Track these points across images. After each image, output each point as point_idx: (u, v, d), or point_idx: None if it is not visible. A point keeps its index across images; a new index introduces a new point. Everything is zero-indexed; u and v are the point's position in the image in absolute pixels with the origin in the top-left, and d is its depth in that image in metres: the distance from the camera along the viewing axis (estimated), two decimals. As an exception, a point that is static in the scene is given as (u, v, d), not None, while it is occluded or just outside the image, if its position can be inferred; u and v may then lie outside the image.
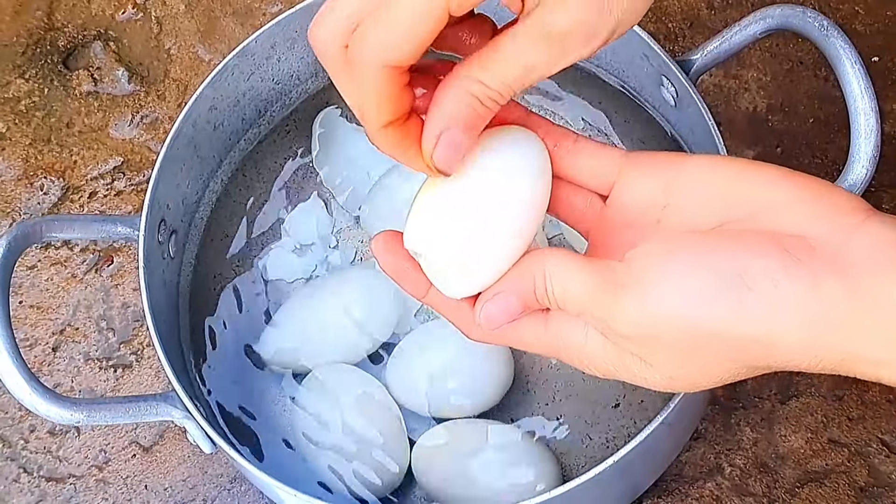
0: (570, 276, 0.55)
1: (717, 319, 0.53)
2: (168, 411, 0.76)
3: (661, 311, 0.54)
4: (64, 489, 0.95)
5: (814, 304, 0.52)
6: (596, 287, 0.55)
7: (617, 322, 0.55)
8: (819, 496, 0.88)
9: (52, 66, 1.09)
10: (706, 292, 0.53)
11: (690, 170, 0.59)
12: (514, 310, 0.57)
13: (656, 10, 1.05)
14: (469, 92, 0.54)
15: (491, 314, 0.58)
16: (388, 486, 0.87)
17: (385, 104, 0.54)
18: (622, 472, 0.73)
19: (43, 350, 0.99)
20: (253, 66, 0.88)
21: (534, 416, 0.89)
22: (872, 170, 0.73)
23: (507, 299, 0.57)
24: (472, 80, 0.54)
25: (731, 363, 0.55)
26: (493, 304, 0.58)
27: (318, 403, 0.88)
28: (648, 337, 0.55)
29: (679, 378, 0.57)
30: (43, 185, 1.05)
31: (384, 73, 0.53)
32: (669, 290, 0.53)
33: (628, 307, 0.54)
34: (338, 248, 0.95)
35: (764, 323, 0.52)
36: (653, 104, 0.88)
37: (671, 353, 0.55)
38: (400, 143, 0.56)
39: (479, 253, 0.58)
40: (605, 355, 0.58)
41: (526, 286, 0.57)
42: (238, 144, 0.93)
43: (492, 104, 0.55)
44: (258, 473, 0.74)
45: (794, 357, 0.53)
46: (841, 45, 0.75)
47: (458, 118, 0.55)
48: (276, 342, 0.90)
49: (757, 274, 0.52)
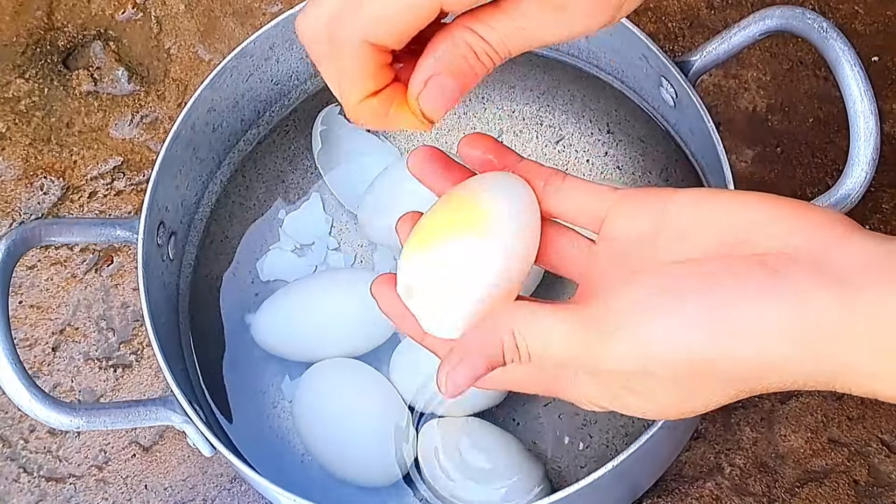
0: (549, 330, 0.55)
1: (709, 347, 0.52)
2: (167, 416, 0.76)
3: (653, 347, 0.53)
4: (64, 489, 0.95)
5: (802, 316, 0.51)
6: (580, 334, 0.54)
7: (607, 363, 0.54)
8: (819, 496, 0.88)
9: (51, 65, 1.09)
10: (696, 322, 0.52)
11: (678, 204, 0.58)
12: (479, 373, 0.55)
13: (656, 10, 1.05)
14: (466, 41, 0.54)
15: (457, 383, 0.55)
16: (391, 480, 0.87)
17: (362, 79, 0.54)
18: (621, 476, 0.73)
19: (43, 350, 0.99)
20: (252, 67, 0.88)
21: (534, 416, 0.89)
22: (872, 173, 0.73)
23: (473, 364, 0.56)
24: (471, 31, 0.54)
25: (727, 388, 0.54)
26: (457, 374, 0.55)
27: (319, 399, 0.88)
28: (642, 373, 0.54)
29: (676, 406, 0.56)
30: (43, 184, 1.05)
31: (364, 48, 0.53)
32: (659, 325, 0.53)
33: (617, 348, 0.53)
34: (339, 249, 0.95)
35: (755, 342, 0.52)
36: (652, 104, 0.88)
37: (667, 386, 0.55)
38: (380, 109, 0.55)
39: (462, 297, 0.57)
40: (598, 393, 0.58)
41: (493, 347, 0.55)
42: (237, 145, 0.93)
43: (486, 59, 0.54)
44: (257, 478, 0.74)
45: (790, 374, 0.52)
46: (840, 48, 0.75)
47: (450, 66, 0.54)
48: (270, 323, 0.90)
49: (743, 297, 0.52)
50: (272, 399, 0.91)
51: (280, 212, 0.95)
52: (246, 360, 0.92)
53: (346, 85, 0.54)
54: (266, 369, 0.92)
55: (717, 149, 0.78)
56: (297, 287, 0.91)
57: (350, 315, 0.89)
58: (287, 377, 0.91)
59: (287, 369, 0.91)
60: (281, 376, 0.91)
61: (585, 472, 0.86)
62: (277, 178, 0.96)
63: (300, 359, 0.90)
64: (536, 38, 0.54)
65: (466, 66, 0.54)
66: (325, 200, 0.96)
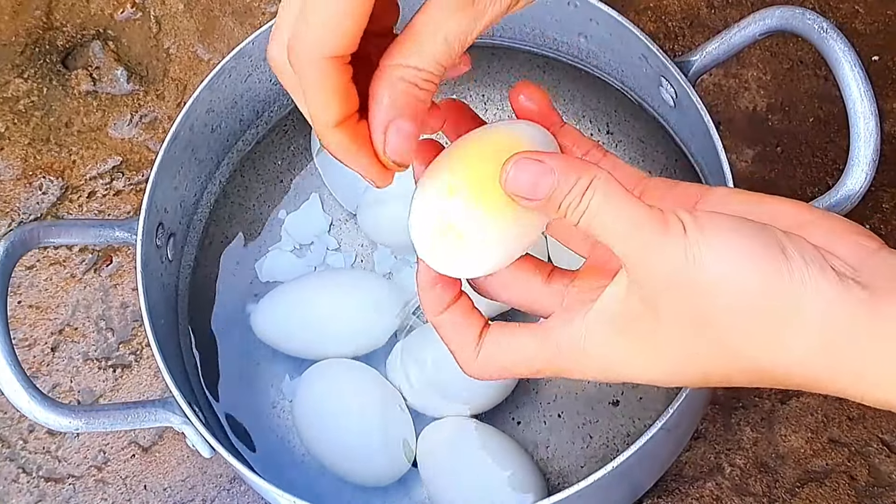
0: (618, 198, 0.53)
1: (756, 284, 0.52)
2: (167, 417, 0.76)
3: (706, 262, 0.52)
4: (63, 489, 0.95)
5: (839, 304, 0.51)
6: (644, 220, 0.53)
7: (656, 258, 0.53)
8: (819, 496, 0.88)
9: (50, 65, 1.09)
10: (756, 257, 0.52)
11: (710, 197, 0.58)
12: (541, 189, 0.54)
13: (656, 10, 1.05)
14: (401, 78, 0.53)
15: (519, 175, 0.55)
16: (390, 480, 0.87)
17: (332, 98, 0.53)
18: (622, 476, 0.73)
19: (42, 350, 0.99)
20: (250, 67, 0.88)
21: (535, 416, 0.89)
22: (872, 173, 0.73)
23: (543, 172, 0.54)
24: (399, 66, 0.53)
25: (741, 349, 0.53)
26: (527, 168, 0.54)
27: (319, 398, 0.88)
28: (681, 285, 0.53)
29: (685, 351, 0.55)
30: (42, 184, 1.05)
31: (324, 65, 0.52)
32: (719, 244, 0.52)
33: (674, 248, 0.52)
34: (338, 249, 0.95)
35: (794, 311, 0.51)
36: (652, 104, 0.88)
37: (693, 315, 0.53)
38: (350, 145, 0.55)
39: (504, 241, 0.56)
40: (605, 344, 0.56)
41: (568, 177, 0.54)
42: (236, 146, 0.92)
43: (427, 85, 0.54)
44: (256, 479, 0.74)
45: (811, 362, 0.52)
46: (840, 48, 0.75)
47: (398, 108, 0.54)
48: (270, 316, 0.90)
49: (797, 258, 0.52)
50: (272, 399, 0.91)
51: (279, 212, 0.95)
52: (245, 360, 0.92)
53: (316, 108, 0.54)
54: (266, 370, 0.92)
55: (717, 148, 0.77)
56: (299, 283, 0.91)
57: (351, 316, 0.89)
58: (287, 377, 0.91)
59: (287, 370, 0.91)
60: (281, 376, 0.91)
61: (586, 472, 0.86)
62: (276, 178, 0.95)
63: (298, 354, 0.90)
64: (459, 42, 0.54)
65: (414, 101, 0.54)
66: (325, 200, 0.96)
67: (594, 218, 0.54)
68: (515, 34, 0.92)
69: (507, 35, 0.92)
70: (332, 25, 0.52)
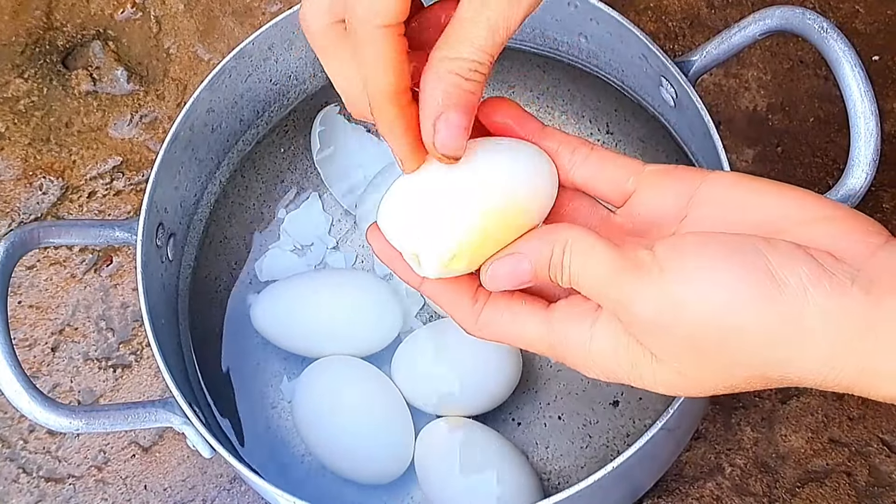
0: (592, 252, 0.54)
1: (746, 315, 0.51)
2: (167, 418, 0.76)
3: (687, 299, 0.52)
4: (63, 489, 0.95)
5: (839, 313, 0.51)
6: (617, 267, 0.53)
7: (636, 305, 0.53)
8: (819, 496, 0.88)
9: (51, 65, 1.09)
10: (737, 286, 0.51)
11: (712, 184, 0.58)
12: (523, 275, 0.56)
13: (656, 10, 1.05)
14: (449, 71, 0.54)
15: (497, 274, 0.56)
16: (390, 479, 0.87)
17: (390, 66, 0.54)
18: (622, 477, 0.73)
19: (42, 350, 0.99)
20: (250, 67, 0.88)
21: (534, 416, 0.89)
22: (873, 173, 0.73)
23: (519, 261, 0.56)
24: (446, 58, 0.54)
25: (746, 368, 0.53)
26: (503, 264, 0.56)
27: (319, 397, 0.88)
28: (667, 325, 0.53)
29: (688, 377, 0.55)
30: (42, 184, 1.05)
31: (383, 34, 0.53)
32: (698, 278, 0.52)
33: (650, 291, 0.53)
34: (338, 249, 0.95)
35: (792, 325, 0.51)
36: (652, 104, 0.88)
37: (687, 347, 0.53)
38: (398, 120, 0.55)
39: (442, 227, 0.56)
40: (611, 354, 0.56)
41: (542, 254, 0.55)
42: (236, 146, 0.92)
43: (476, 76, 0.54)
44: (257, 479, 0.74)
45: (815, 367, 0.52)
46: (840, 48, 0.74)
47: (448, 100, 0.54)
48: (269, 311, 0.90)
49: (789, 276, 0.51)
50: (272, 399, 0.91)
51: (279, 212, 0.95)
52: (245, 360, 0.92)
53: (374, 77, 0.54)
54: (266, 370, 0.92)
55: (717, 148, 0.77)
56: (300, 279, 0.91)
57: (351, 317, 0.89)
58: (286, 377, 0.91)
59: (287, 369, 0.91)
60: (280, 377, 0.91)
61: (586, 472, 0.87)
62: (276, 178, 0.95)
63: (296, 351, 0.90)
64: (504, 29, 0.54)
65: (463, 92, 0.54)
66: (325, 200, 0.96)
67: (580, 280, 0.55)
68: (515, 34, 0.91)
69: (508, 35, 0.92)
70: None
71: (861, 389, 0.52)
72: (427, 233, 0.56)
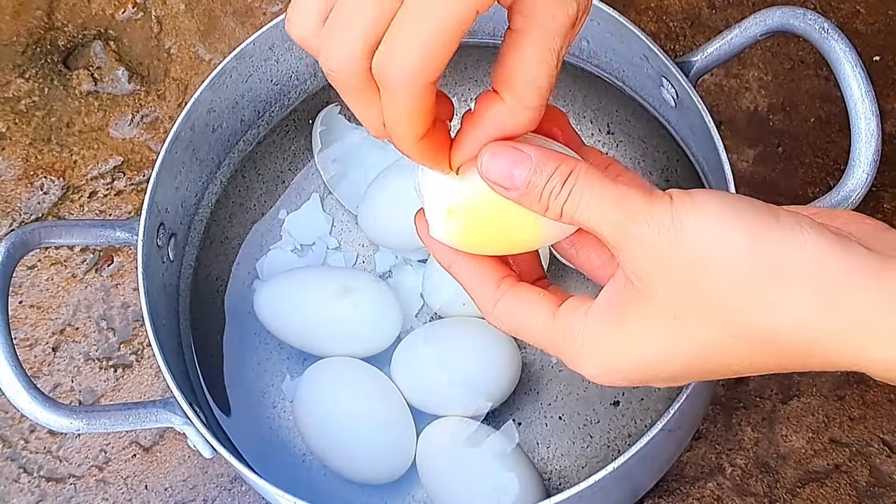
0: (599, 185, 0.53)
1: (740, 242, 0.51)
2: (168, 418, 0.76)
3: (693, 223, 0.51)
4: (64, 489, 0.95)
5: (835, 264, 0.50)
6: (626, 193, 0.53)
7: (639, 226, 0.52)
8: (820, 496, 0.88)
9: (52, 65, 1.09)
10: (737, 217, 0.51)
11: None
12: (519, 178, 0.54)
13: (657, 10, 1.05)
14: (521, 119, 0.55)
15: (492, 163, 0.55)
16: (391, 479, 0.87)
17: (421, 120, 0.53)
18: (623, 477, 0.73)
19: (43, 350, 0.99)
20: (251, 67, 0.88)
21: (535, 417, 0.89)
22: (873, 174, 0.73)
23: (519, 159, 0.54)
24: (524, 105, 0.54)
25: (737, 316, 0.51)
26: (500, 155, 0.55)
27: (320, 398, 0.88)
28: (665, 249, 0.52)
29: (684, 323, 0.53)
30: (43, 184, 1.05)
31: (423, 91, 0.51)
32: (706, 205, 0.51)
33: (657, 214, 0.52)
34: (339, 249, 0.95)
35: (788, 266, 0.50)
36: (653, 104, 0.88)
37: (683, 281, 0.52)
38: (434, 153, 0.55)
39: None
40: (603, 325, 0.55)
41: (547, 165, 0.54)
42: (237, 146, 0.92)
43: (540, 114, 0.55)
44: (257, 479, 0.74)
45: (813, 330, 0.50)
46: (841, 49, 0.74)
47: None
48: (271, 302, 0.90)
49: (787, 215, 0.51)
50: (273, 399, 0.91)
51: (280, 212, 0.95)
52: (246, 360, 0.92)
53: (401, 129, 0.53)
54: (267, 369, 0.92)
55: (718, 148, 0.77)
56: (303, 273, 0.91)
57: (352, 318, 0.89)
58: (288, 377, 0.91)
59: (288, 369, 0.92)
60: (282, 376, 0.91)
61: (587, 472, 0.87)
62: (277, 178, 0.95)
63: (299, 346, 0.90)
64: (564, 48, 0.53)
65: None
66: (325, 200, 0.96)
67: (577, 205, 0.54)
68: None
69: (509, 35, 0.92)
70: (440, 46, 0.50)
71: (863, 359, 0.50)
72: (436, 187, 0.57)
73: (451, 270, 0.60)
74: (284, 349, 0.92)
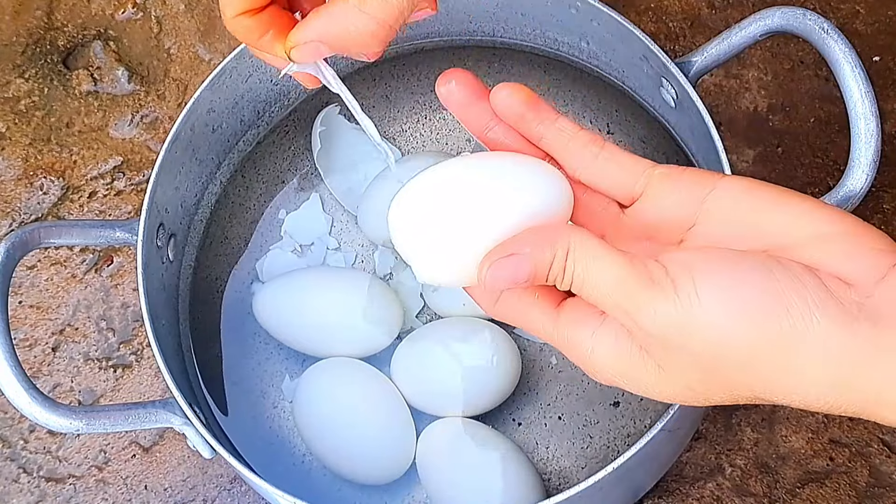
0: (598, 259, 0.53)
1: (753, 336, 0.51)
2: (167, 418, 0.76)
3: (697, 320, 0.51)
4: (64, 489, 0.95)
5: (845, 342, 0.51)
6: (626, 276, 0.53)
7: (644, 318, 0.52)
8: (820, 496, 0.88)
9: (51, 65, 1.09)
10: (750, 310, 0.51)
11: (721, 192, 0.57)
12: (521, 278, 0.54)
13: (657, 10, 1.05)
14: (359, 24, 0.56)
15: (496, 276, 0.54)
16: (391, 479, 0.87)
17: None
18: (623, 477, 0.73)
19: (42, 350, 0.99)
20: (251, 67, 0.88)
21: (535, 417, 0.89)
22: (873, 175, 0.73)
23: (520, 264, 0.54)
24: (366, 9, 0.55)
25: (751, 388, 0.53)
26: (505, 265, 0.54)
27: (320, 398, 0.88)
28: (676, 343, 0.52)
29: (695, 392, 0.55)
30: (43, 184, 1.05)
31: None
32: (711, 297, 0.51)
33: (661, 305, 0.52)
34: (339, 249, 0.95)
35: (795, 349, 0.51)
36: (653, 104, 0.88)
37: (693, 364, 0.53)
38: (254, 30, 0.58)
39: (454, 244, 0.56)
40: (612, 362, 0.56)
41: (544, 256, 0.54)
42: (237, 146, 0.92)
43: (383, 34, 0.56)
44: (257, 480, 0.74)
45: (819, 393, 0.52)
46: (841, 49, 0.74)
47: (333, 38, 0.57)
48: (270, 304, 0.90)
49: (796, 299, 0.51)
50: (272, 400, 0.91)
51: (280, 212, 0.95)
52: (246, 360, 0.92)
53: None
54: (266, 370, 0.92)
55: (717, 149, 0.77)
56: (302, 274, 0.91)
57: (352, 318, 0.89)
58: (287, 377, 0.91)
59: (288, 369, 0.92)
60: (282, 376, 0.91)
61: (586, 472, 0.87)
62: (277, 178, 0.95)
63: (298, 347, 0.90)
64: None
65: None
66: (325, 200, 0.96)
67: (583, 286, 0.54)
68: (515, 34, 0.92)
69: (508, 35, 0.92)
70: None
71: (870, 416, 0.52)
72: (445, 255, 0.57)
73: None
74: (284, 349, 0.92)
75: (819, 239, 0.54)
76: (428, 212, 0.57)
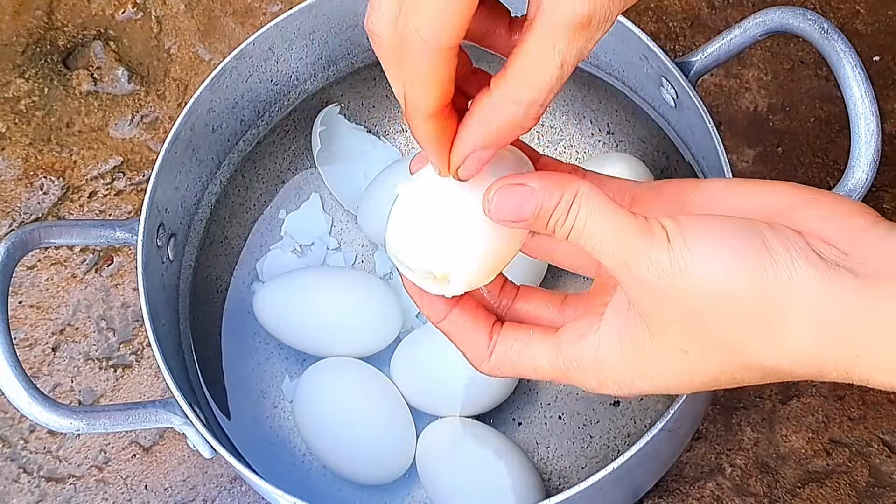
0: (602, 207, 0.53)
1: (739, 281, 0.51)
2: (168, 418, 0.76)
3: (688, 267, 0.52)
4: (64, 489, 0.95)
5: (830, 290, 0.51)
6: (625, 227, 0.53)
7: (640, 266, 0.53)
8: (820, 496, 0.88)
9: (51, 65, 1.09)
10: (737, 257, 0.52)
11: (704, 189, 0.58)
12: (526, 212, 0.54)
13: (657, 10, 1.05)
14: (507, 117, 0.53)
15: (502, 204, 0.55)
16: (391, 479, 0.87)
17: (434, 89, 0.52)
18: (623, 477, 0.73)
19: (43, 350, 0.99)
20: (251, 67, 0.88)
21: (535, 416, 0.89)
22: (873, 174, 0.73)
23: (526, 196, 0.54)
24: (508, 100, 0.53)
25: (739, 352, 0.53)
26: (512, 195, 0.54)
27: (320, 398, 0.88)
28: (667, 291, 0.53)
29: (691, 357, 0.55)
30: (43, 184, 1.05)
31: (437, 57, 0.51)
32: (701, 247, 0.52)
33: (655, 254, 0.52)
34: (339, 249, 0.95)
35: (784, 304, 0.51)
36: (653, 104, 0.88)
37: (685, 319, 0.53)
38: (438, 137, 0.55)
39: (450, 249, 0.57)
40: (617, 357, 0.56)
41: (552, 195, 0.54)
42: (237, 146, 0.92)
43: (532, 121, 0.53)
44: (257, 480, 0.74)
45: (808, 353, 0.52)
46: (841, 49, 0.74)
47: (489, 142, 0.54)
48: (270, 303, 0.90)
49: (779, 248, 0.52)
50: (273, 399, 0.91)
51: (280, 212, 0.95)
52: (246, 360, 0.92)
53: (417, 96, 0.53)
54: (266, 369, 0.92)
55: (717, 149, 0.77)
56: (303, 273, 0.91)
57: (352, 317, 0.89)
58: (287, 377, 0.91)
59: (288, 369, 0.92)
60: (282, 376, 0.91)
61: (586, 472, 0.87)
62: (277, 178, 0.95)
63: (298, 346, 0.90)
64: (570, 66, 0.52)
65: (508, 136, 0.54)
66: (325, 200, 0.96)
67: (582, 232, 0.54)
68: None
69: (508, 35, 0.92)
70: (451, 13, 0.50)
71: (860, 377, 0.52)
72: (455, 253, 0.57)
73: (441, 326, 0.61)
74: (284, 349, 0.92)
75: (798, 207, 0.55)
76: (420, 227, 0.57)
